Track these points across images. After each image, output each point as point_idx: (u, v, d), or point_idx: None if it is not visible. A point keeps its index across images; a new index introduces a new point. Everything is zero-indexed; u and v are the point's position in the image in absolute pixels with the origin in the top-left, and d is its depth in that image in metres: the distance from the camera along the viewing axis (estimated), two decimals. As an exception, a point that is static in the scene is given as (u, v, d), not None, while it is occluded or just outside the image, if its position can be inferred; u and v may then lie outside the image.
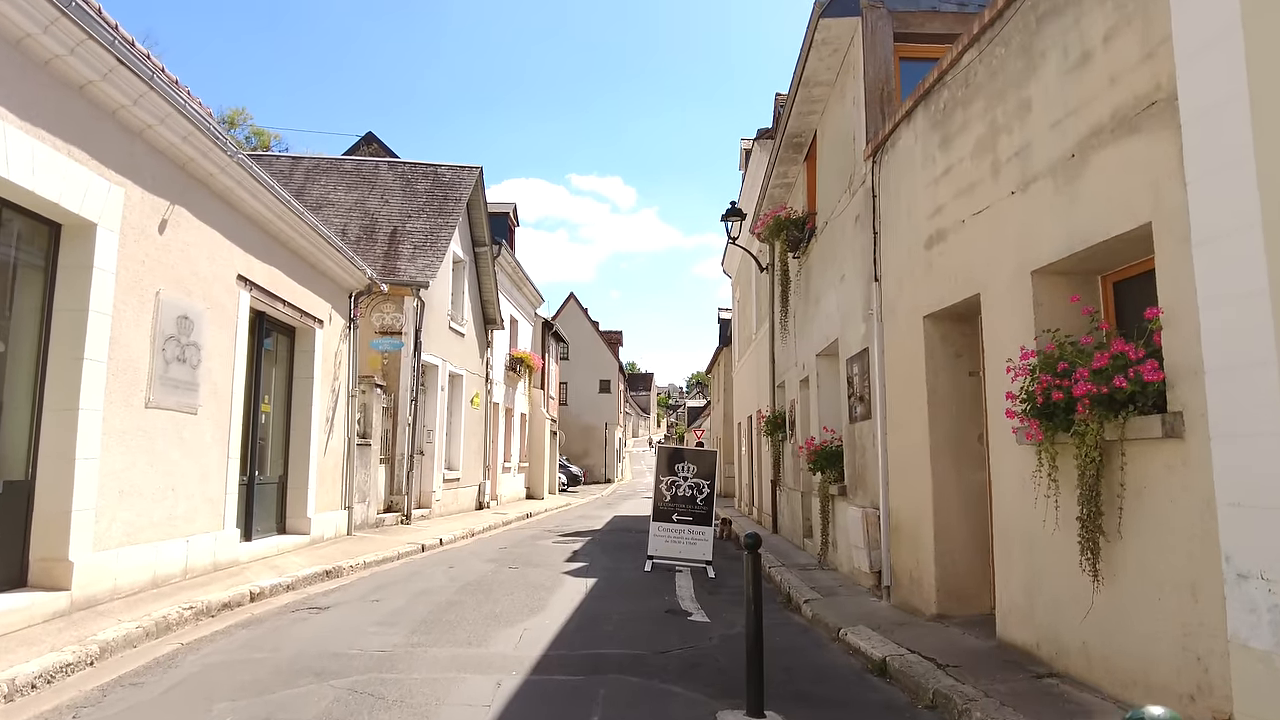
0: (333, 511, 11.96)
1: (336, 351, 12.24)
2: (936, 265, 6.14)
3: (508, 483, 23.87)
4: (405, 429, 15.32)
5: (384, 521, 14.31)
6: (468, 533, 14.71)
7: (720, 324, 37.67)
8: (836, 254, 8.95)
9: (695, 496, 9.82)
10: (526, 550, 11.89)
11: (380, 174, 18.63)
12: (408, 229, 16.98)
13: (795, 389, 12.12)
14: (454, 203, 17.80)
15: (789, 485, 12.89)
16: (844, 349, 8.62)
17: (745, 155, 20.77)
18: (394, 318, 13.73)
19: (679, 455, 10.04)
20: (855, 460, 8.17)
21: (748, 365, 19.51)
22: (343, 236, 16.30)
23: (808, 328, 10.82)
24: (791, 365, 12.41)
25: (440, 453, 17.24)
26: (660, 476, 9.92)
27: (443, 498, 17.39)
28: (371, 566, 10.22)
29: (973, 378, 6.31)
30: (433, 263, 16.04)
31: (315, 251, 11.01)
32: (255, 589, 7.64)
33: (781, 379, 13.68)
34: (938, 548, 6.14)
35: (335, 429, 12.12)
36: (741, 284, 21.03)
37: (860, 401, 7.90)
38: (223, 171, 7.99)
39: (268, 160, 18.75)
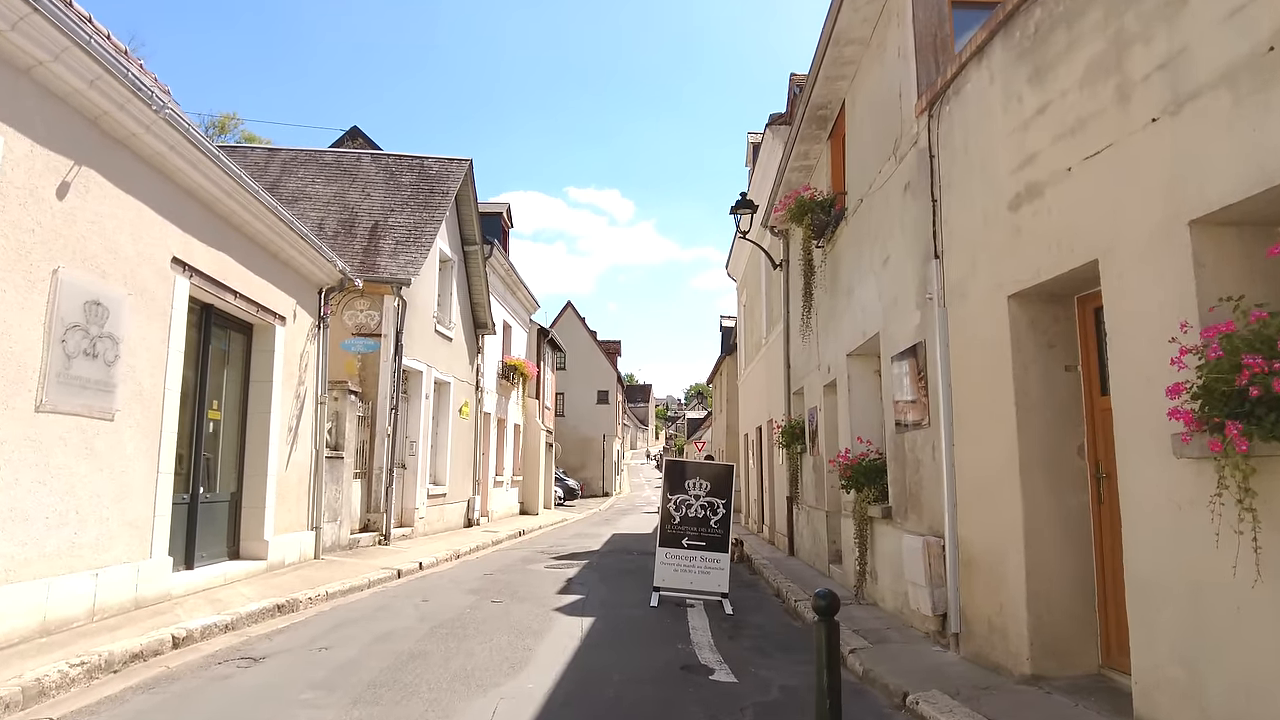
0: (296, 533, 10.59)
1: (302, 352, 10.91)
2: (1028, 230, 4.83)
3: (500, 498, 22.48)
4: (384, 440, 13.96)
5: (359, 543, 12.92)
6: (452, 555, 13.33)
7: (723, 332, 36.37)
8: (877, 233, 7.65)
9: (708, 518, 8.47)
10: (515, 577, 10.51)
11: (363, 166, 17.36)
12: (390, 224, 15.69)
13: (818, 395, 10.79)
14: (441, 196, 16.52)
15: (809, 503, 11.55)
16: (887, 345, 7.31)
17: (753, 150, 19.54)
18: (368, 315, 12.41)
19: (689, 470, 8.70)
20: (905, 477, 6.84)
21: (756, 373, 18.21)
22: (319, 231, 15.01)
23: (835, 324, 9.51)
24: (813, 369, 11.10)
25: (424, 466, 15.87)
26: (667, 495, 8.58)
27: (427, 515, 16.00)
28: (335, 598, 8.85)
29: (1069, 374, 5.00)
30: (416, 259, 14.73)
31: (276, 239, 9.70)
32: (181, 632, 6.28)
33: (799, 385, 12.36)
34: (1030, 589, 4.80)
35: (300, 439, 10.77)
36: (749, 286, 19.76)
37: (912, 406, 6.58)
38: (148, 131, 6.68)
39: (242, 153, 17.47)
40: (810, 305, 9.84)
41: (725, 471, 8.63)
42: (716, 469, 8.73)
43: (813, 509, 11.23)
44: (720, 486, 8.56)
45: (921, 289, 6.37)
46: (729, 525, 8.47)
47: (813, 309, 9.89)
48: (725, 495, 8.53)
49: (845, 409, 9.05)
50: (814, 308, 9.89)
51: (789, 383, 13.22)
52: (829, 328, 9.95)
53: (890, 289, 7.20)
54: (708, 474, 8.62)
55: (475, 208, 18.18)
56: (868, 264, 7.96)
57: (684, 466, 8.83)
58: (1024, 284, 4.88)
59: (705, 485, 8.54)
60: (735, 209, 14.11)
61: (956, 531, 5.70)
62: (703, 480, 8.55)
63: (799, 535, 12.54)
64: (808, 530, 11.61)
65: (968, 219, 5.62)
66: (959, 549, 5.67)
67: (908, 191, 6.74)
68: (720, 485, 8.56)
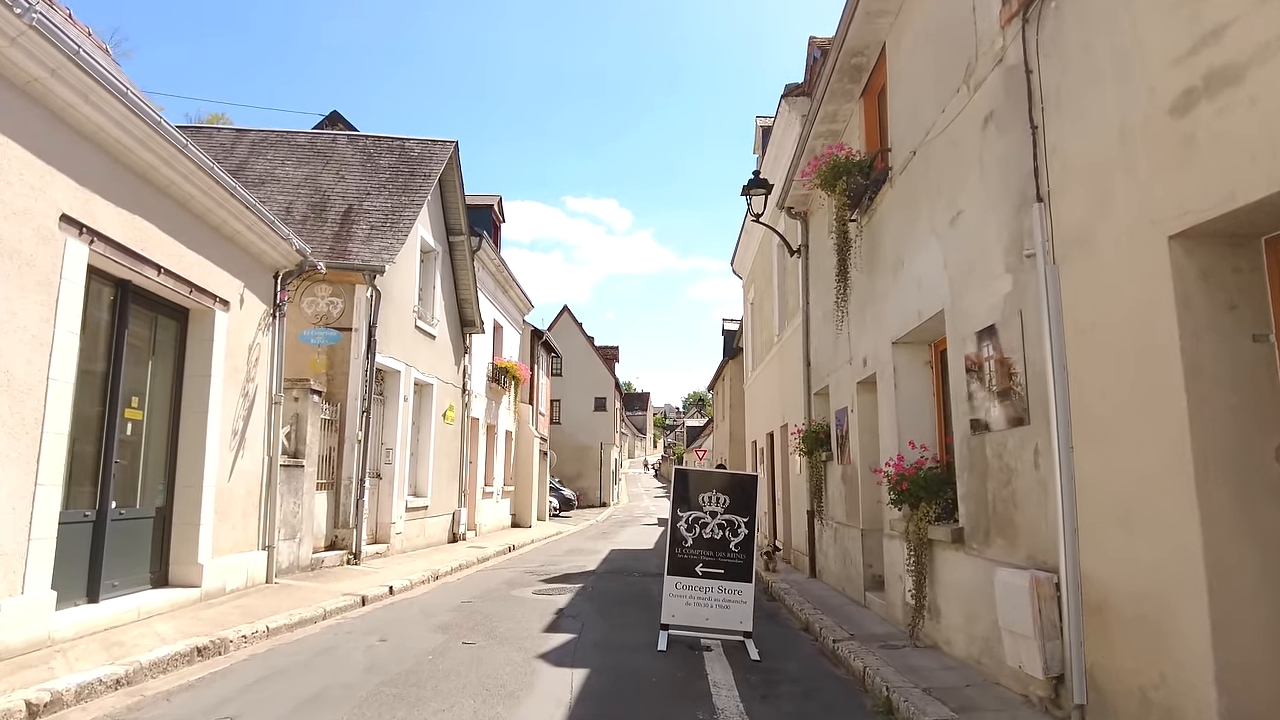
0: (243, 553, 9.08)
1: (252, 344, 9.41)
2: (1209, 136, 3.37)
3: (489, 510, 20.94)
4: (354, 447, 12.45)
5: (323, 563, 11.39)
6: (430, 576, 11.80)
7: (725, 336, 34.92)
8: (940, 187, 6.18)
9: (726, 540, 6.97)
10: (496, 606, 8.99)
11: (338, 148, 15.91)
12: (365, 207, 14.23)
13: (848, 394, 9.31)
14: (422, 179, 15.06)
15: (836, 519, 10.05)
16: (959, 323, 5.83)
17: (763, 134, 18.12)
18: (330, 303, 10.92)
19: (703, 481, 7.19)
20: (988, 490, 5.34)
21: (767, 375, 16.73)
22: (285, 215, 13.56)
23: (875, 309, 8.04)
24: (842, 364, 9.62)
25: (402, 476, 14.35)
26: (677, 511, 7.07)
27: (405, 530, 14.47)
28: (277, 634, 7.34)
29: (1260, 346, 3.53)
30: (392, 245, 13.26)
31: (217, 208, 8.23)
32: (44, 695, 4.77)
33: (823, 384, 10.88)
34: (1221, 656, 3.31)
35: (249, 445, 9.26)
36: (758, 281, 18.30)
37: (1000, 399, 5.09)
38: (14, 45, 5.21)
39: (206, 134, 16.02)
40: (845, 288, 8.36)
41: (747, 483, 7.13)
42: (736, 480, 7.23)
43: (842, 526, 9.73)
44: (741, 501, 7.06)
45: (1014, 246, 4.90)
46: (753, 549, 6.96)
47: (847, 293, 8.42)
48: (747, 512, 7.03)
49: (889, 408, 7.57)
50: (848, 291, 8.42)
51: (809, 382, 11.74)
52: (866, 314, 8.47)
53: (962, 253, 5.72)
54: (726, 486, 7.12)
55: (461, 194, 16.72)
56: (926, 227, 6.49)
57: (696, 477, 7.33)
58: (1202, 214, 3.40)
59: (723, 500, 7.04)
60: (748, 189, 12.68)
61: (1078, 565, 4.20)
62: (720, 494, 7.05)
63: (823, 555, 11.03)
64: (835, 550, 10.10)
65: (1093, 141, 4.15)
66: (1083, 589, 4.17)
67: (989, 124, 5.27)
68: (741, 500, 7.06)
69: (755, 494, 7.04)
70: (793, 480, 12.77)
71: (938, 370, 7.32)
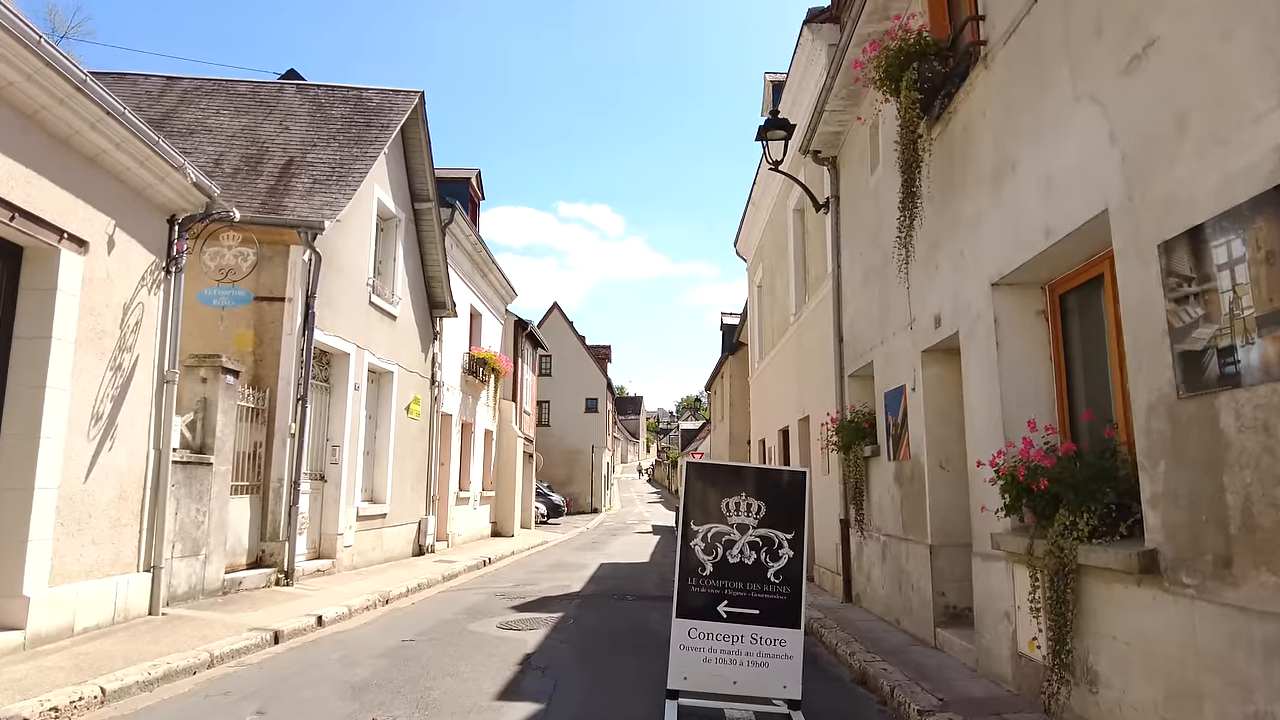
0: (110, 577, 6.86)
1: (130, 304, 7.20)
2: None
3: (464, 518, 18.69)
4: (287, 442, 10.21)
5: (240, 585, 9.15)
6: (378, 600, 9.60)
7: (724, 331, 32.77)
8: (1101, 24, 4.02)
9: (764, 565, 4.78)
10: (443, 650, 6.77)
11: (284, 97, 13.71)
12: (308, 160, 12.02)
13: (908, 369, 7.17)
14: (379, 130, 12.87)
15: (886, 529, 7.88)
16: (1147, 221, 3.64)
17: (773, 90, 15.97)
18: (238, 254, 8.60)
19: (732, 481, 4.97)
20: (1236, 489, 3.15)
21: (780, 363, 14.57)
22: (213, 168, 11.35)
23: (959, 244, 5.90)
24: (897, 330, 7.47)
25: (353, 478, 12.11)
26: (691, 523, 4.87)
27: (356, 543, 12.23)
28: (119, 699, 5.15)
29: None
30: (337, 200, 11.05)
31: (68, 114, 6.05)
32: None
33: (862, 361, 8.72)
34: None
35: (122, 435, 7.05)
36: (768, 259, 16.16)
37: (1267, 329, 2.92)
38: None
39: (130, 81, 13.77)
40: (910, 223, 6.19)
41: (791, 484, 4.93)
42: (776, 480, 5.03)
43: (895, 539, 7.55)
44: (784, 510, 4.87)
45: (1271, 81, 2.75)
46: (801, 579, 4.77)
47: (912, 230, 6.25)
48: (793, 525, 4.84)
49: (986, 378, 5.40)
50: (914, 228, 6.25)
51: (841, 362, 9.58)
52: (939, 257, 6.32)
53: (1159, 107, 3.54)
54: (761, 488, 4.91)
55: (428, 155, 14.53)
56: (1065, 96, 4.33)
57: (719, 474, 5.11)
58: None
59: (757, 508, 4.85)
60: (764, 132, 10.52)
61: None
62: (752, 499, 4.85)
63: (862, 575, 8.86)
64: (884, 570, 7.92)
65: None
66: None
67: None
68: (784, 508, 4.87)
69: (805, 499, 4.85)
70: (819, 482, 10.59)
71: (1055, 322, 5.17)
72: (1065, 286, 5.08)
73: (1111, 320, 4.47)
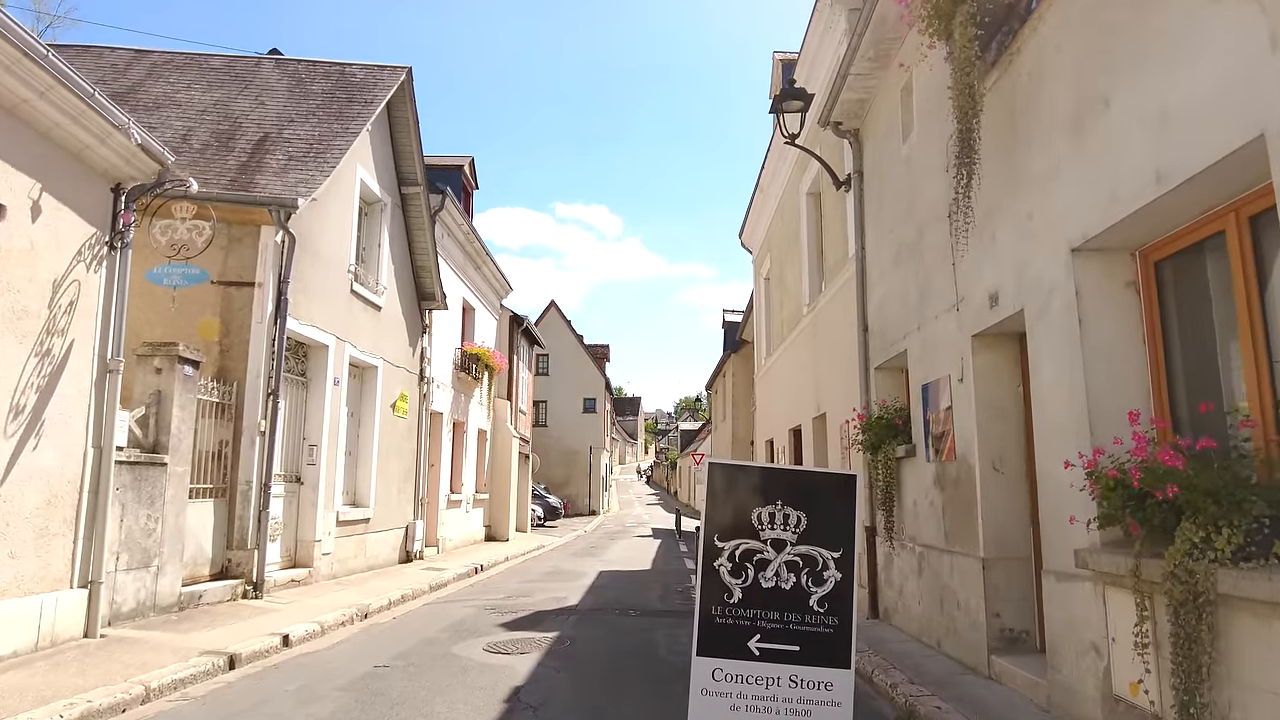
0: (33, 596, 5.95)
1: (62, 280, 6.29)
2: None
3: (456, 522, 17.76)
4: (256, 441, 9.30)
5: (200, 599, 8.23)
6: (356, 614, 8.71)
7: (726, 328, 31.89)
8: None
9: (805, 591, 3.87)
10: (418, 682, 5.86)
11: (261, 73, 12.80)
12: (284, 136, 11.12)
13: (954, 356, 6.27)
14: (362, 106, 11.97)
15: (923, 540, 6.97)
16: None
17: (783, 69, 15.10)
18: (192, 228, 7.68)
19: (765, 485, 4.04)
20: None
21: (791, 358, 13.67)
22: (181, 144, 10.44)
23: (1027, 206, 5.00)
24: (940, 313, 6.57)
25: (332, 480, 11.20)
26: (714, 539, 3.94)
27: (336, 550, 11.30)
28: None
29: None
30: (313, 178, 10.14)
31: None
32: None
33: (895, 350, 7.81)
34: None
35: (51, 430, 6.14)
36: (778, 247, 15.26)
37: None
38: None
39: (95, 53, 12.85)
40: (971, 177, 5.29)
41: (837, 490, 4.01)
42: (819, 484, 4.11)
43: (935, 550, 6.64)
44: (828, 521, 3.96)
45: None
46: (851, 608, 3.87)
47: (970, 191, 5.34)
48: (839, 541, 3.93)
49: (1067, 362, 4.50)
50: (972, 188, 5.35)
51: (866, 353, 8.68)
52: (997, 222, 5.43)
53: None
54: (801, 494, 4.00)
55: (416, 136, 13.62)
56: (1190, 3, 3.43)
57: (750, 478, 4.18)
58: None
59: (796, 519, 3.94)
60: (779, 103, 9.63)
61: None
62: (791, 509, 3.94)
63: (890, 589, 7.95)
64: (922, 585, 7.01)
65: None
66: None
67: None
68: (828, 519, 3.96)
69: (853, 508, 3.95)
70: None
71: (1150, 294, 4.28)
72: (1163, 251, 4.18)
73: (1241, 288, 3.58)
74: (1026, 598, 5.60)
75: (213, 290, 9.36)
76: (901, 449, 7.38)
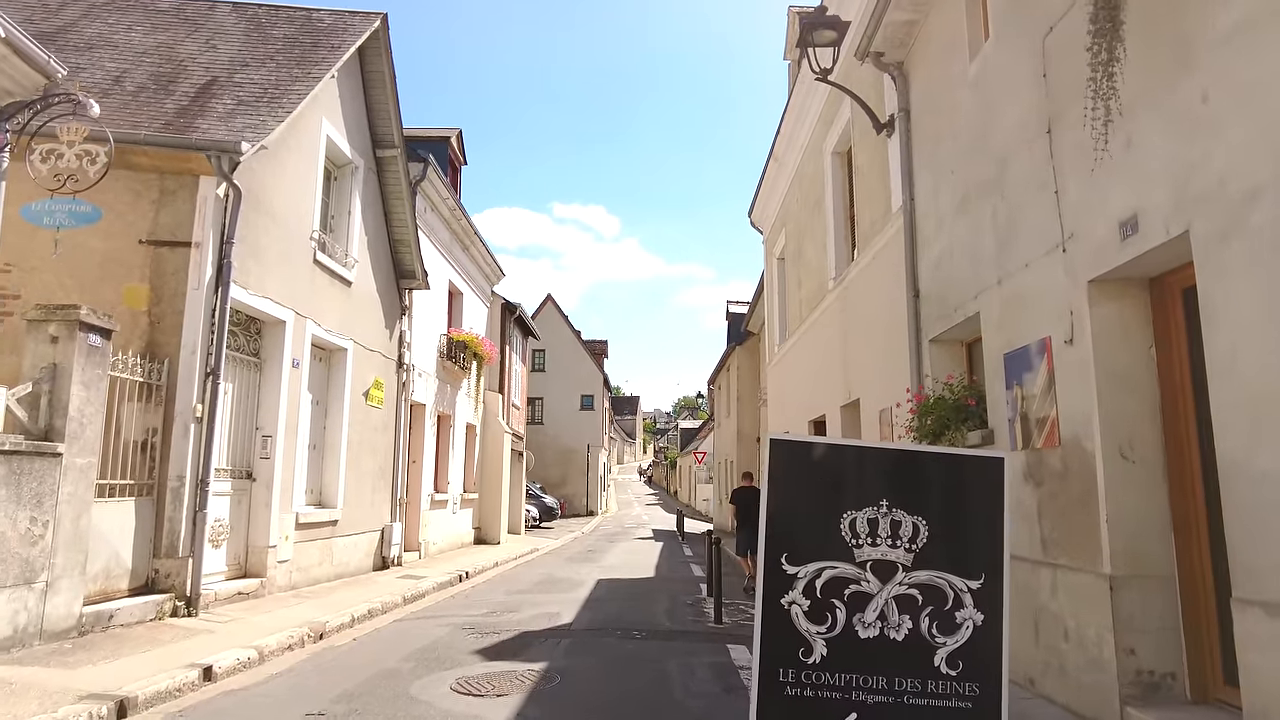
0: None
1: (-100, 214, 4.81)
2: None
3: (441, 524, 16.30)
4: (191, 429, 7.84)
5: (113, 619, 6.77)
6: (309, 634, 7.31)
7: (730, 320, 30.49)
8: None
9: (927, 639, 2.43)
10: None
11: (215, 16, 11.35)
12: (236, 81, 9.66)
13: (1054, 313, 4.86)
14: (328, 51, 10.52)
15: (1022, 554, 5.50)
16: None
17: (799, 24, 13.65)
18: (82, 154, 6.21)
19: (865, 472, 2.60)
20: None
21: (814, 340, 12.23)
22: (113, 85, 9.00)
23: (1211, 80, 3.54)
24: (1038, 256, 5.14)
25: (291, 476, 9.74)
26: (784, 562, 2.50)
27: (295, 557, 9.85)
28: None
29: None
30: (265, 123, 8.69)
31: None
32: None
33: (957, 317, 6.38)
34: None
35: (-119, 409, 4.66)
36: (794, 221, 13.83)
37: None
38: None
39: (29, -6, 11.36)
40: (1111, 58, 3.86)
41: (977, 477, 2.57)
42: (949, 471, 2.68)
43: (1027, 562, 5.18)
44: (963, 528, 2.52)
45: None
46: (1000, 665, 2.42)
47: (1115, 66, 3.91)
48: (981, 559, 2.48)
49: None
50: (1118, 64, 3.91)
51: (918, 323, 7.25)
52: (1152, 119, 3.97)
53: None
54: (919, 486, 2.56)
55: (393, 92, 12.18)
56: None
57: (839, 461, 2.71)
58: None
59: (911, 528, 2.50)
60: (807, 34, 8.21)
61: None
62: (903, 512, 2.50)
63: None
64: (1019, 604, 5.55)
65: None
66: None
67: None
68: (963, 525, 2.52)
69: (1002, 510, 2.51)
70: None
71: None
72: None
73: None
74: (1171, 628, 4.17)
75: (141, 251, 7.92)
76: (975, 435, 5.93)
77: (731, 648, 7.06)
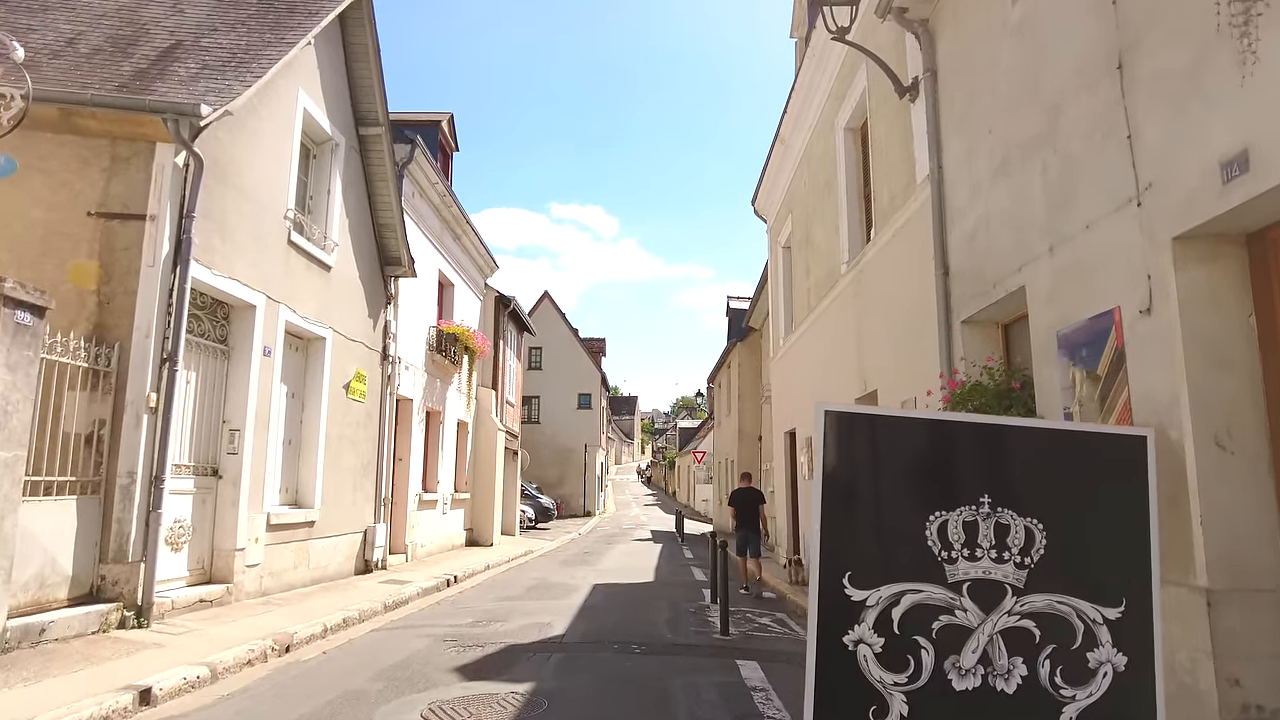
0: None
1: None
2: None
3: (430, 525, 15.56)
4: (144, 421, 7.11)
5: (45, 633, 6.04)
6: (273, 647, 6.59)
7: (731, 316, 29.79)
8: None
9: (1049, 690, 1.67)
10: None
11: (186, -18, 10.58)
12: (202, 45, 8.93)
13: (1121, 280, 4.14)
14: (304, 17, 9.78)
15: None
16: None
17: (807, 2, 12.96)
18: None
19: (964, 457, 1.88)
20: None
21: (824, 329, 11.52)
22: (66, 48, 8.28)
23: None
24: (1103, 215, 4.42)
25: (260, 474, 9.01)
26: (847, 584, 1.76)
27: (266, 560, 9.12)
28: None
29: None
30: (231, 88, 7.96)
31: None
32: None
33: (996, 295, 5.66)
34: None
35: None
36: (801, 204, 13.12)
37: None
38: None
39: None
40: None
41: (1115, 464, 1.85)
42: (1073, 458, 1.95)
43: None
44: (1091, 538, 1.78)
45: None
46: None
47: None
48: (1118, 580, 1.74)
49: None
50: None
51: (948, 303, 6.53)
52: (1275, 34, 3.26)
53: None
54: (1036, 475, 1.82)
55: (377, 66, 11.46)
56: None
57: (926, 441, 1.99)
58: None
59: (1023, 535, 1.75)
60: (823, -9, 7.48)
61: None
62: (1012, 513, 1.75)
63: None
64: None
65: None
66: None
67: None
68: (1092, 532, 1.78)
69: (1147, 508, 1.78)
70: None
71: None
72: None
73: None
74: (1280, 655, 3.46)
75: (90, 224, 7.20)
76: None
77: (741, 664, 6.34)
